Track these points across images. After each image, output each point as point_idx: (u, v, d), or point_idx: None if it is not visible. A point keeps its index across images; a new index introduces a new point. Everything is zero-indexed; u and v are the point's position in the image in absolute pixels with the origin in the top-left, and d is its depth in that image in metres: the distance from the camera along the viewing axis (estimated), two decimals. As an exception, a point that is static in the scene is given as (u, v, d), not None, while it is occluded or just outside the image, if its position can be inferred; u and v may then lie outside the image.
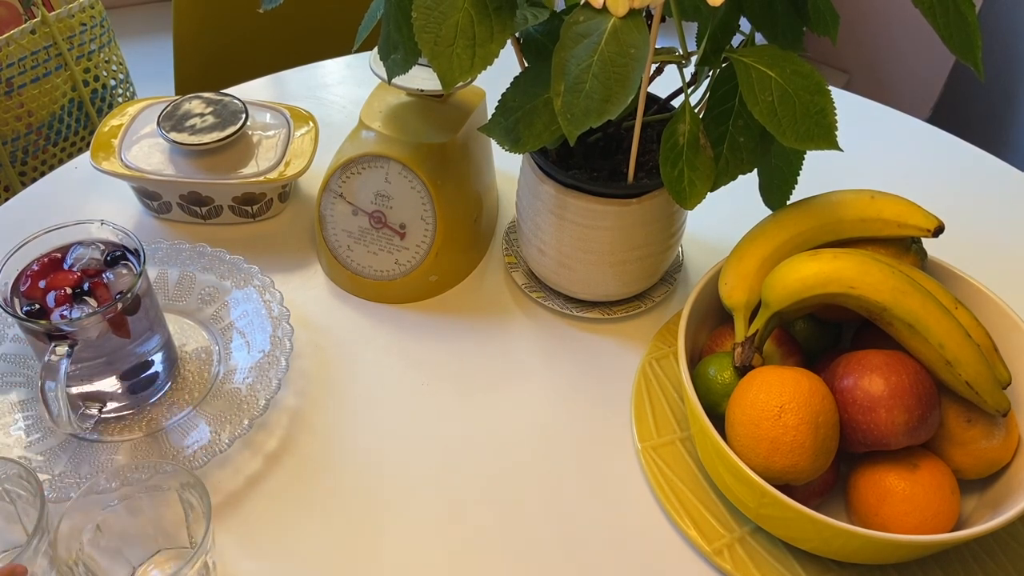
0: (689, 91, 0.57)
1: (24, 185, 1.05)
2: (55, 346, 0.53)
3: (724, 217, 0.80)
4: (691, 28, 0.60)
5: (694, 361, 0.61)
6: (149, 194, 0.75)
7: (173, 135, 0.73)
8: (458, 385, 0.66)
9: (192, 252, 0.70)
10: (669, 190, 0.57)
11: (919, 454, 0.54)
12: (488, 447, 0.62)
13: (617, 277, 0.67)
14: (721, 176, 0.58)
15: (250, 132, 0.76)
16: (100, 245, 0.58)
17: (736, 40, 0.58)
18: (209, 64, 1.20)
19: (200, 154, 0.74)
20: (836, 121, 0.53)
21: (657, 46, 0.54)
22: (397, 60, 0.59)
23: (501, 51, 0.53)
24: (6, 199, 0.90)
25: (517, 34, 0.61)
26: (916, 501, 0.52)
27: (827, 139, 0.54)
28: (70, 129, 1.11)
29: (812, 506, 0.50)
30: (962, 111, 1.78)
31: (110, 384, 0.59)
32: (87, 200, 0.80)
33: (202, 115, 0.75)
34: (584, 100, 0.50)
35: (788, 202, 0.64)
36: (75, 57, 1.08)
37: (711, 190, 0.58)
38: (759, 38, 0.59)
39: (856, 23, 1.89)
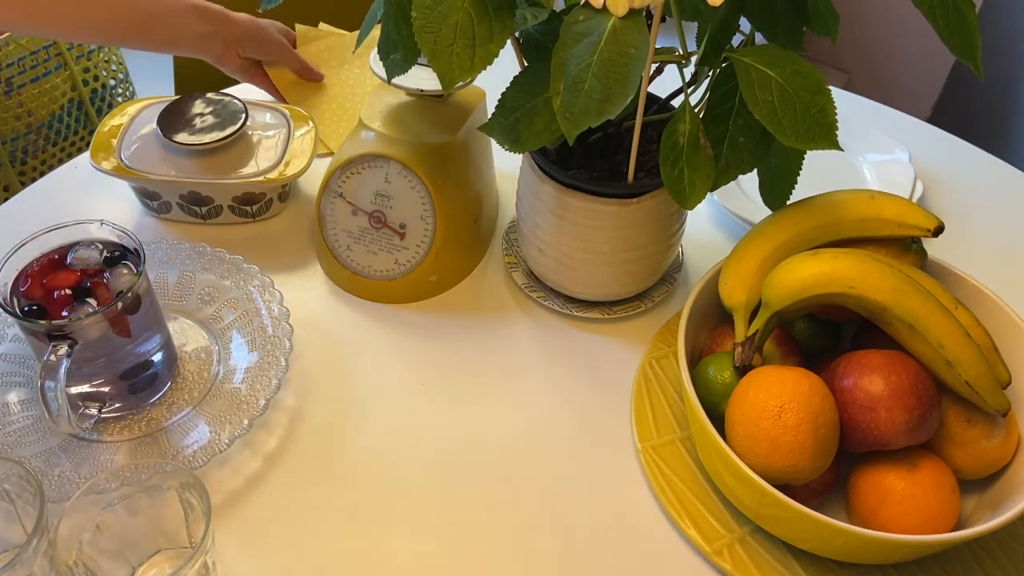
0: (689, 91, 0.57)
1: (24, 185, 1.05)
2: (55, 346, 0.53)
3: (724, 217, 0.80)
4: (691, 28, 0.60)
5: (694, 361, 0.61)
6: (149, 194, 0.75)
7: (173, 135, 0.73)
8: (458, 385, 0.66)
9: (192, 252, 0.70)
10: (669, 190, 0.57)
11: (919, 454, 0.54)
12: (488, 447, 0.62)
13: (617, 277, 0.67)
14: (721, 176, 0.58)
15: (250, 132, 0.76)
16: (100, 245, 0.58)
17: (736, 40, 0.58)
18: (209, 64, 1.20)
19: (200, 154, 0.74)
20: (836, 121, 0.53)
21: (657, 46, 0.54)
22: (397, 60, 0.59)
23: (501, 51, 0.53)
24: (6, 199, 0.90)
25: (517, 34, 0.61)
26: (916, 501, 0.52)
27: (827, 139, 0.54)
28: (70, 129, 1.11)
29: (812, 506, 0.50)
30: (962, 111, 1.78)
31: (110, 384, 0.59)
32: (87, 200, 0.80)
33: (202, 115, 0.75)
34: (583, 99, 0.50)
35: (788, 202, 0.64)
36: (75, 57, 1.08)
37: (711, 190, 0.58)
38: (759, 38, 0.59)
39: (856, 23, 1.89)
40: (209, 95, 0.77)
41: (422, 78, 0.68)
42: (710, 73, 0.59)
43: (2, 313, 0.63)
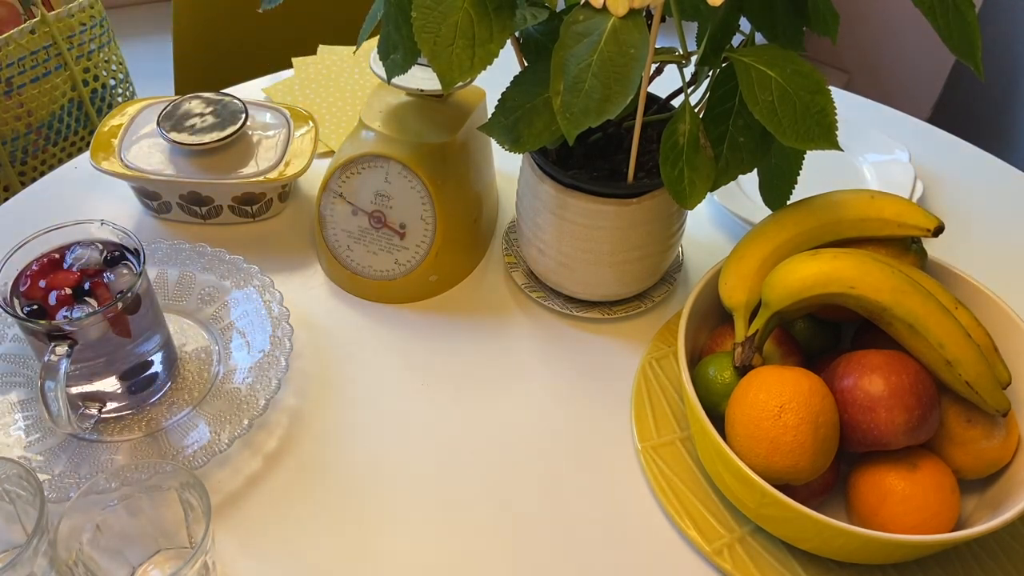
0: (689, 91, 0.57)
1: (24, 185, 1.05)
2: (55, 346, 0.53)
3: (724, 217, 0.80)
4: (691, 28, 0.60)
5: (694, 361, 0.61)
6: (149, 194, 0.75)
7: (173, 135, 0.73)
8: (458, 385, 0.66)
9: (192, 252, 0.70)
10: (669, 190, 0.57)
11: (919, 454, 0.54)
12: (488, 447, 0.62)
13: (617, 277, 0.67)
14: (721, 176, 0.58)
15: (250, 132, 0.76)
16: (100, 245, 0.58)
17: (736, 40, 0.58)
18: (209, 64, 1.20)
19: (200, 154, 0.74)
20: (836, 121, 0.53)
21: (657, 46, 0.54)
22: (397, 60, 0.59)
23: (501, 51, 0.53)
24: (6, 199, 0.90)
25: (517, 34, 0.61)
26: (916, 501, 0.52)
27: (827, 139, 0.54)
28: (70, 129, 1.11)
29: (812, 506, 0.50)
30: (962, 111, 1.78)
31: (110, 384, 0.59)
32: (87, 200, 0.80)
33: (202, 115, 0.75)
34: (583, 99, 0.50)
35: (788, 202, 0.64)
36: (75, 57, 1.08)
37: (711, 190, 0.58)
38: (759, 38, 0.59)
39: (856, 23, 1.89)
40: (209, 95, 0.77)
41: (422, 78, 0.68)
42: (710, 73, 0.59)
43: (2, 313, 0.63)
